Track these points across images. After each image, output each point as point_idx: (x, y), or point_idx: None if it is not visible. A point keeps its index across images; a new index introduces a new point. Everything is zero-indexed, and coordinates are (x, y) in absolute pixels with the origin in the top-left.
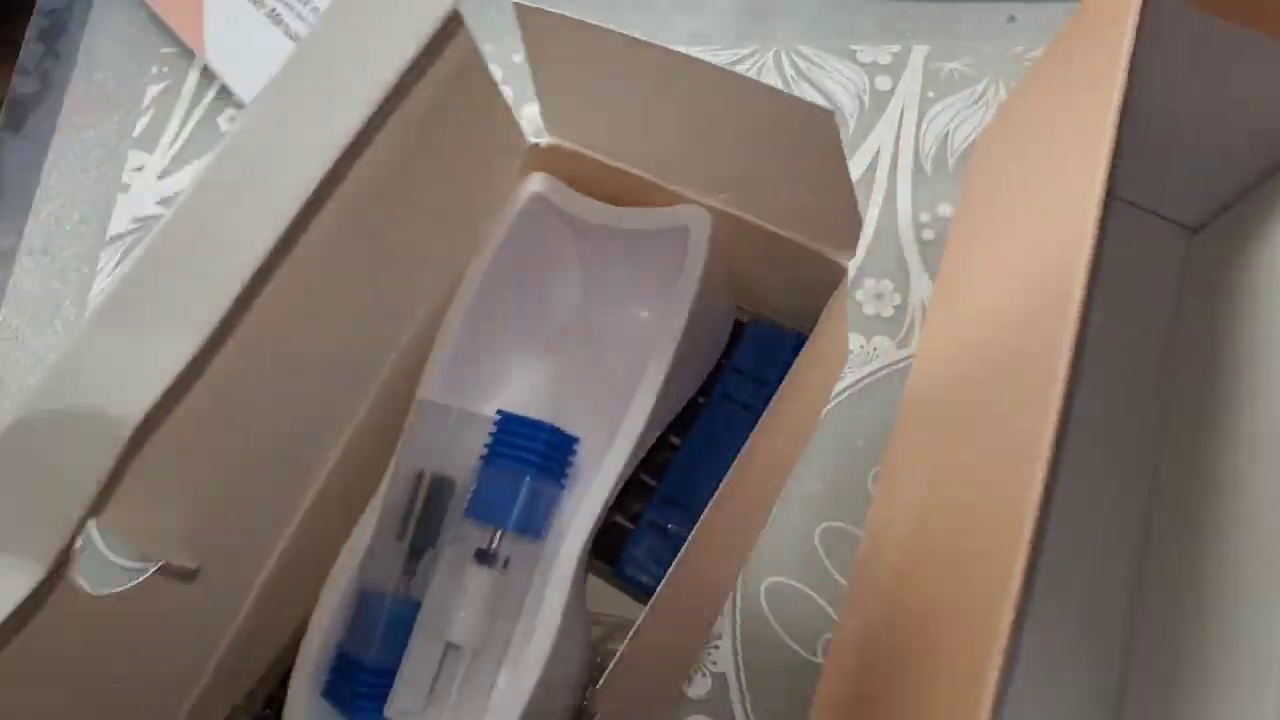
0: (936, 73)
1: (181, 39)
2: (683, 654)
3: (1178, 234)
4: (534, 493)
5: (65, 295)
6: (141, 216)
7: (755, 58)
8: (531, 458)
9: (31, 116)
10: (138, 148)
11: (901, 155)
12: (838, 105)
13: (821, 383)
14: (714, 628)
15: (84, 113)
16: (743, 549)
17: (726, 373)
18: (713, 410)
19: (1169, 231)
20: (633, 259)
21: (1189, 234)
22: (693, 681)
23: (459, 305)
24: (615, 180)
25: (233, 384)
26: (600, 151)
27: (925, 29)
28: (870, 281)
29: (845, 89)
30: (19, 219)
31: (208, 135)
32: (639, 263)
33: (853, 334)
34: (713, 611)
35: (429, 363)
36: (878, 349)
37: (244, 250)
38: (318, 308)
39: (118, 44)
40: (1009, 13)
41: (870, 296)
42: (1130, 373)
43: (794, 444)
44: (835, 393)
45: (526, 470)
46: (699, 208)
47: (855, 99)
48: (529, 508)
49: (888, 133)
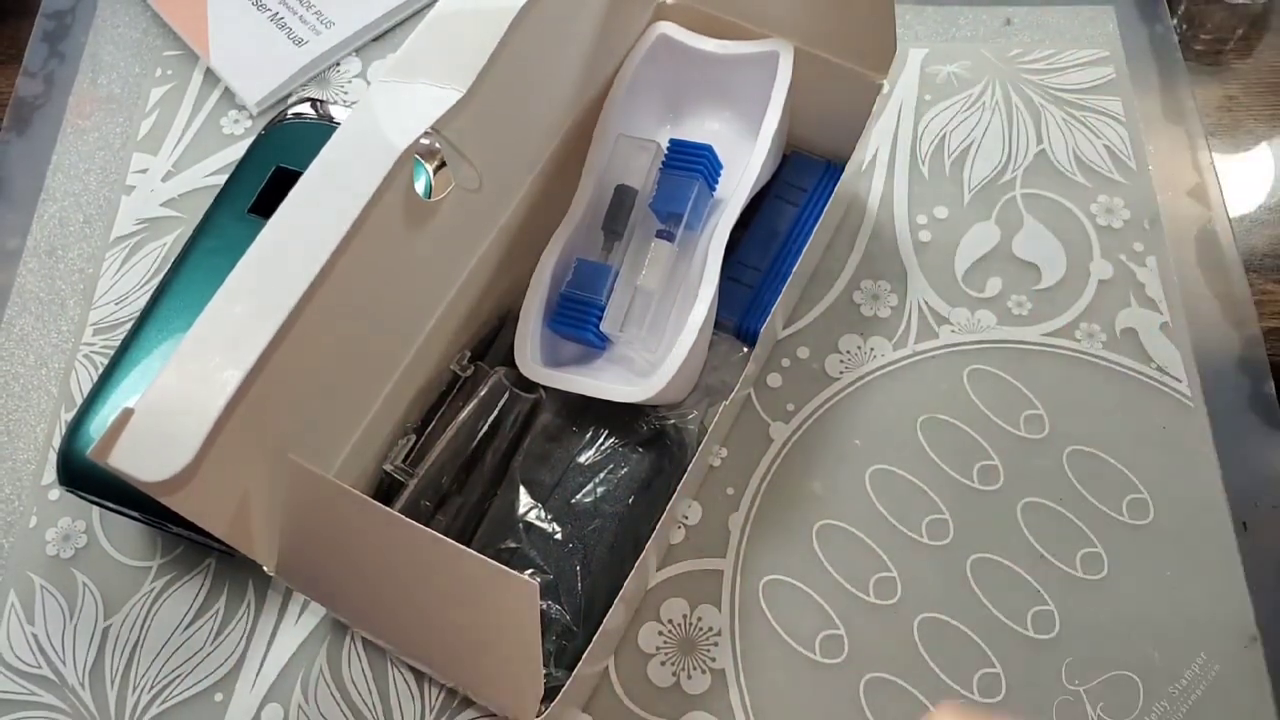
0: (934, 75)
1: (185, 41)
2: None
3: None
4: (699, 194)
5: (70, 296)
6: (145, 218)
7: None
8: (700, 168)
9: (36, 118)
10: (142, 150)
11: (899, 157)
12: None
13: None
14: (713, 624)
15: (88, 115)
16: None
17: (780, 182)
18: (770, 205)
19: None
20: (731, 78)
21: None
22: (692, 678)
23: (615, 95)
24: (718, 26)
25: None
26: (707, 5)
27: (923, 32)
28: (867, 282)
29: None
30: (24, 220)
31: (211, 137)
32: (735, 80)
33: (850, 334)
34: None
35: (601, 120)
36: (874, 349)
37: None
38: (529, 89)
39: (122, 46)
40: (1006, 15)
41: (867, 297)
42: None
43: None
44: (833, 392)
45: (697, 178)
46: (784, 40)
47: None
48: (697, 203)
49: (885, 135)
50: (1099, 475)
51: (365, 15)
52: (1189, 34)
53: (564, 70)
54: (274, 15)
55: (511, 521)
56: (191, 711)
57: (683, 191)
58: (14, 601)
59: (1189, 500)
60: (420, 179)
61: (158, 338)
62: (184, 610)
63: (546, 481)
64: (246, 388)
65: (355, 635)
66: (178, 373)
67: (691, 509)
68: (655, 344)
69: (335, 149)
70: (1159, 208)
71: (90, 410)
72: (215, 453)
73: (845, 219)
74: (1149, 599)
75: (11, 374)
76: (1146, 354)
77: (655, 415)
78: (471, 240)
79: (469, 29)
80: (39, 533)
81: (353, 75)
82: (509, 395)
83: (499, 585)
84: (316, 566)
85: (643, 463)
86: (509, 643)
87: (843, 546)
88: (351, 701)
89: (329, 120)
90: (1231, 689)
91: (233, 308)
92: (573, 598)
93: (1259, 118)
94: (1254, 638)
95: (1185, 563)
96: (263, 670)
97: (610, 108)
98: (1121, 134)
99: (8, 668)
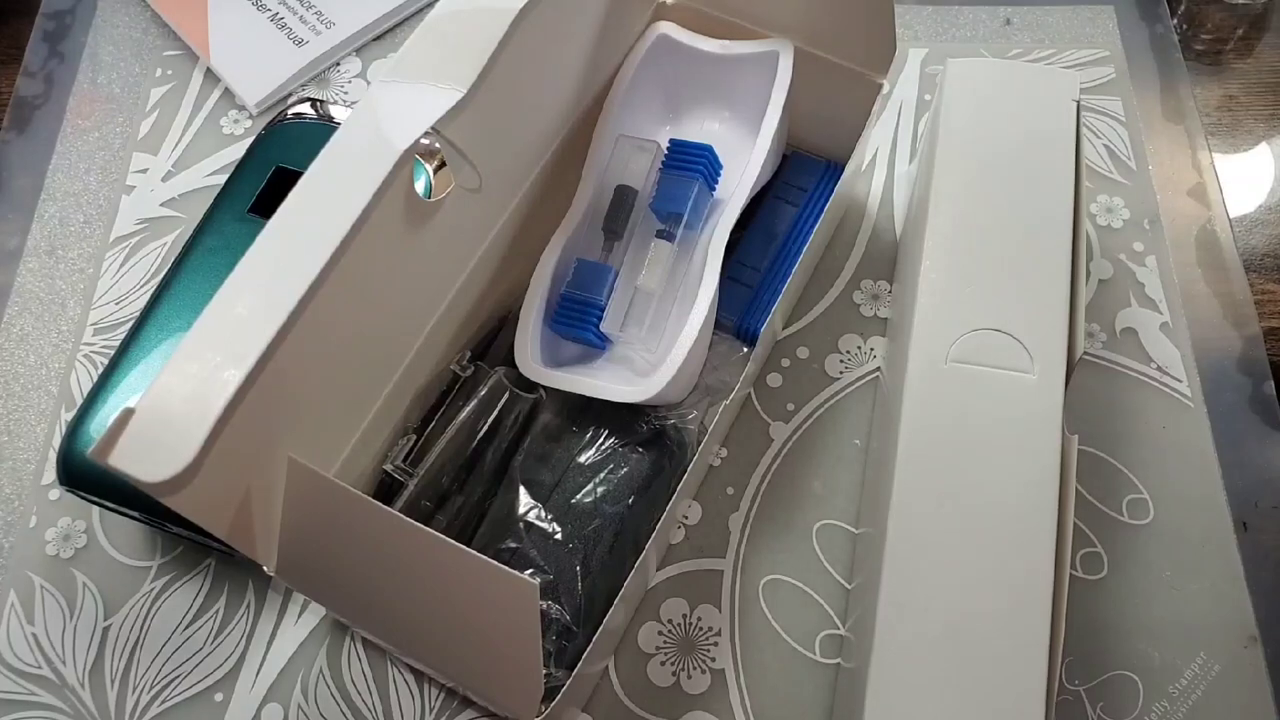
0: (934, 75)
1: (185, 41)
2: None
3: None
4: (699, 194)
5: (70, 296)
6: (145, 218)
7: None
8: (699, 168)
9: (36, 118)
10: (142, 149)
11: (898, 157)
12: None
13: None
14: (713, 624)
15: (88, 114)
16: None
17: (780, 183)
18: (770, 205)
19: None
20: (731, 78)
21: None
22: (692, 678)
23: (615, 95)
24: (718, 27)
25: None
26: (707, 5)
27: (923, 32)
28: (867, 282)
29: None
30: (24, 220)
31: (211, 137)
32: (735, 80)
33: (850, 334)
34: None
35: (601, 120)
36: (874, 349)
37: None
38: (530, 89)
39: (122, 46)
40: (1006, 15)
41: (867, 297)
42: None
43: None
44: (833, 392)
45: (696, 178)
46: (784, 40)
47: None
48: (697, 203)
49: (884, 135)
50: (1099, 475)
51: (365, 15)
52: (1189, 34)
53: (564, 70)
54: (274, 15)
55: (511, 521)
56: (191, 711)
57: (683, 191)
58: (14, 601)
59: (1189, 500)
60: (420, 179)
61: (158, 338)
62: (184, 610)
63: (546, 481)
64: (247, 388)
65: (355, 635)
66: (178, 373)
67: (691, 509)
68: (655, 344)
69: (335, 149)
70: (1159, 207)
71: (90, 410)
72: (216, 453)
73: (845, 219)
74: (1149, 599)
75: (11, 374)
76: (1146, 354)
77: (655, 415)
78: (471, 240)
79: (469, 29)
80: (39, 533)
81: (353, 75)
82: (509, 395)
83: (499, 585)
84: (316, 566)
85: (643, 463)
86: (509, 643)
87: (843, 546)
88: (351, 701)
89: (329, 120)
90: (1231, 689)
91: (233, 307)
92: (573, 598)
93: (1259, 118)
94: (1254, 638)
95: (1185, 563)
96: (263, 670)
97: (610, 108)
98: (1121, 134)
99: (8, 668)
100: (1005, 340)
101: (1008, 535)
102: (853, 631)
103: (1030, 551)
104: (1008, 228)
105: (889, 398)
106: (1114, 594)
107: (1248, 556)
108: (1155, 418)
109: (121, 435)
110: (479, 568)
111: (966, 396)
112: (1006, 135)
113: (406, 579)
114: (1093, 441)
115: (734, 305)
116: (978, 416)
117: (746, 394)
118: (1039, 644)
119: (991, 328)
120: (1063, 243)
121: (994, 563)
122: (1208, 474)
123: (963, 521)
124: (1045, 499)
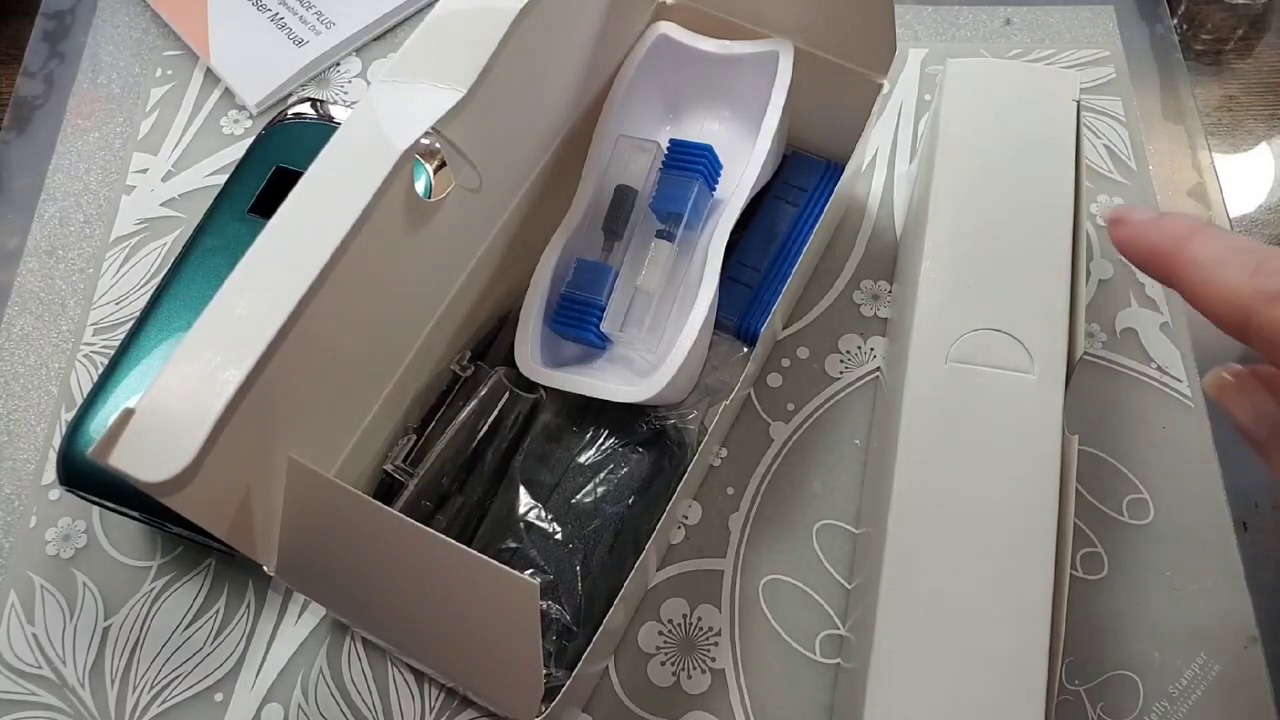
0: (934, 75)
1: (185, 41)
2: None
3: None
4: (699, 194)
5: (70, 296)
6: (146, 218)
7: None
8: (699, 168)
9: (36, 118)
10: (142, 149)
11: (898, 157)
12: None
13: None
14: (713, 624)
15: (88, 114)
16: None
17: (780, 183)
18: (770, 205)
19: None
20: (731, 79)
21: None
22: (691, 678)
23: (615, 95)
24: (718, 27)
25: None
26: (707, 5)
27: (923, 32)
28: (867, 282)
29: None
30: (24, 220)
31: (211, 137)
32: (735, 80)
33: (850, 334)
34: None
35: (601, 120)
36: (874, 349)
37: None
38: (530, 89)
39: (122, 46)
40: (1006, 15)
41: (867, 297)
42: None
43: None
44: (833, 392)
45: (696, 178)
46: (784, 40)
47: None
48: (697, 203)
49: (885, 135)
50: (1099, 475)
51: (365, 15)
52: (1189, 34)
53: (564, 70)
54: (274, 15)
55: (512, 521)
56: (191, 711)
57: (683, 191)
58: (14, 601)
59: (1189, 500)
60: (420, 179)
61: (158, 338)
62: (184, 610)
63: (547, 481)
64: (247, 388)
65: (355, 635)
66: (178, 372)
67: (691, 509)
68: (655, 344)
69: (335, 149)
70: (1159, 207)
71: (90, 410)
72: (216, 453)
73: (845, 219)
74: (1149, 599)
75: (11, 374)
76: (1146, 354)
77: (655, 415)
78: (472, 240)
79: (469, 29)
80: (39, 533)
81: (353, 75)
82: (509, 395)
83: (499, 585)
84: (316, 566)
85: (643, 463)
86: (509, 643)
87: (843, 546)
88: (351, 701)
89: (329, 120)
90: (1231, 689)
91: (233, 307)
92: (573, 598)
93: (1259, 118)
94: (1254, 638)
95: (1185, 563)
96: (263, 670)
97: (610, 108)
98: (1121, 134)
99: (8, 668)
100: (1005, 340)
101: (1008, 535)
102: (853, 631)
103: (1030, 551)
104: (1008, 228)
105: (889, 398)
106: (1114, 594)
107: (1248, 557)
108: (1155, 418)
109: (121, 435)
110: (479, 568)
111: (966, 396)
112: (1006, 135)
113: (406, 579)
114: (1093, 441)
115: (734, 305)
116: (978, 416)
117: (746, 394)
118: (1039, 644)
119: (991, 328)
120: (1063, 243)
121: (994, 563)
122: (1208, 474)
123: (963, 522)
124: (1045, 499)
